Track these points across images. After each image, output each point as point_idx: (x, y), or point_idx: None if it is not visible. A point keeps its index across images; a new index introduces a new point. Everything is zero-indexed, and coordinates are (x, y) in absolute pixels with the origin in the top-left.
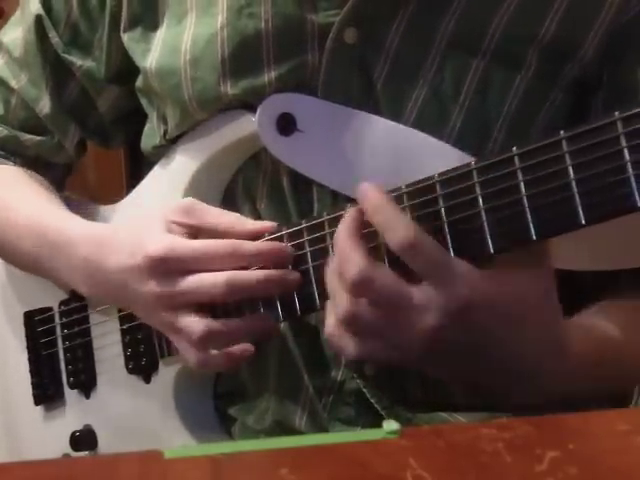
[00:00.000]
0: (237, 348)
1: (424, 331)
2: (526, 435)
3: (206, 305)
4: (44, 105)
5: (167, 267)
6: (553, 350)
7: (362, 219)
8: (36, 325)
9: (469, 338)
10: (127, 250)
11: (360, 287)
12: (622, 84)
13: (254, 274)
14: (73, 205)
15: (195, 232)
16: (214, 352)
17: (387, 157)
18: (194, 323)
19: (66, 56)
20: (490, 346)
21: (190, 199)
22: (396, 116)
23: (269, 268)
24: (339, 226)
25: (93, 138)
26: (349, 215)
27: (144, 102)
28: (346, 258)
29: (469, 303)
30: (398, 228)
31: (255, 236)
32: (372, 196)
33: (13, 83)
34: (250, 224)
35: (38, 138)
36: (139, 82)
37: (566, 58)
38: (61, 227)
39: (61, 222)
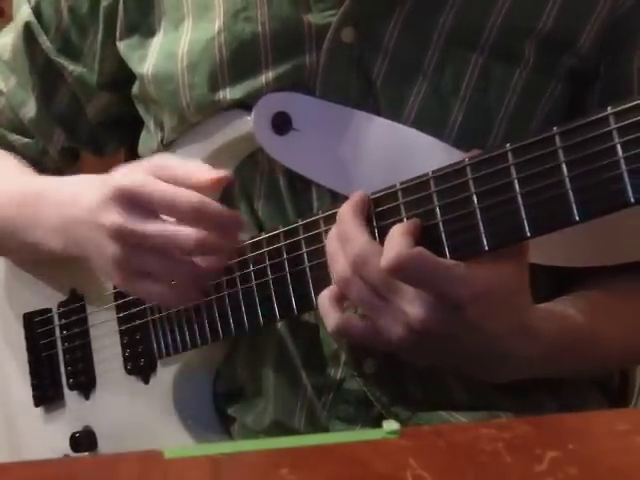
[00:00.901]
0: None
1: (412, 321)
2: (526, 435)
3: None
4: (29, 110)
5: (133, 201)
6: (525, 332)
7: (368, 204)
8: (35, 327)
9: (456, 332)
10: (96, 186)
11: (359, 264)
12: (618, 75)
13: (222, 241)
14: None
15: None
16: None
17: (383, 156)
18: (161, 262)
19: (58, 60)
20: (476, 338)
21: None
22: (396, 114)
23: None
24: (343, 206)
25: (85, 147)
26: (358, 195)
27: (141, 109)
28: (351, 232)
29: (461, 304)
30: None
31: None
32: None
33: (2, 85)
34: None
35: (25, 140)
36: (135, 89)
37: (563, 49)
38: (36, 185)
39: (34, 181)
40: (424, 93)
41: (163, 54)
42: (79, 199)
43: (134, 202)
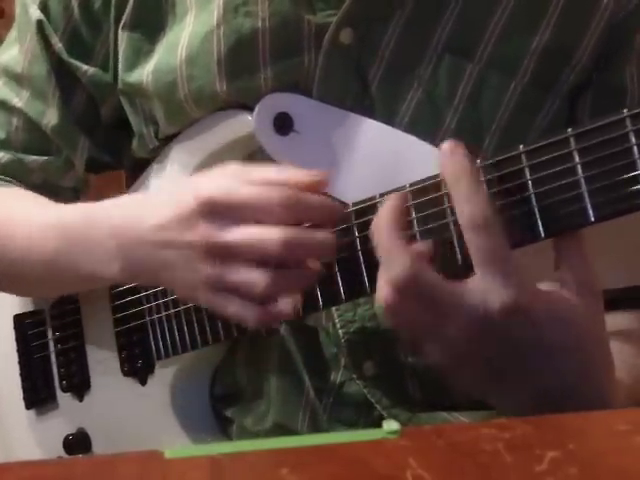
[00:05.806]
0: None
1: (471, 324)
2: (526, 435)
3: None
4: (51, 117)
5: (220, 211)
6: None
7: (403, 208)
8: (27, 328)
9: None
10: (173, 201)
11: (404, 286)
12: (611, 83)
13: (316, 236)
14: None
15: None
16: (271, 306)
17: (381, 161)
18: (256, 275)
19: (72, 61)
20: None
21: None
22: (389, 118)
23: (320, 225)
24: (379, 214)
25: (105, 154)
26: (390, 205)
27: (127, 107)
28: (390, 255)
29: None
30: (478, 202)
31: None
32: (456, 160)
33: (15, 101)
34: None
35: (44, 159)
36: (120, 83)
37: (562, 64)
38: (81, 210)
39: (79, 208)
40: (418, 99)
41: (166, 48)
42: (145, 219)
43: (223, 213)
